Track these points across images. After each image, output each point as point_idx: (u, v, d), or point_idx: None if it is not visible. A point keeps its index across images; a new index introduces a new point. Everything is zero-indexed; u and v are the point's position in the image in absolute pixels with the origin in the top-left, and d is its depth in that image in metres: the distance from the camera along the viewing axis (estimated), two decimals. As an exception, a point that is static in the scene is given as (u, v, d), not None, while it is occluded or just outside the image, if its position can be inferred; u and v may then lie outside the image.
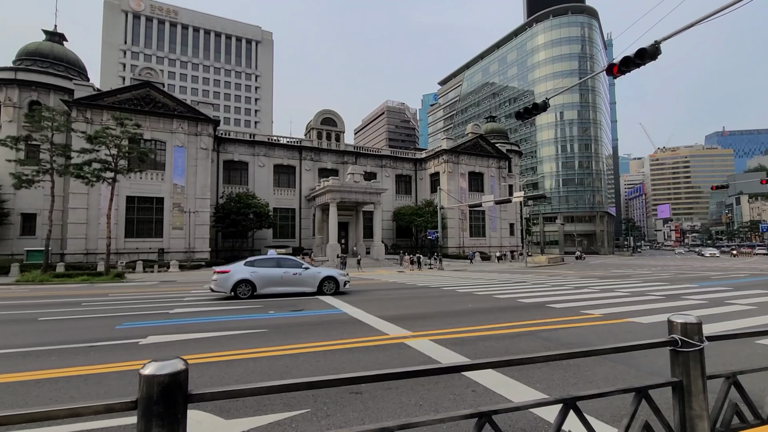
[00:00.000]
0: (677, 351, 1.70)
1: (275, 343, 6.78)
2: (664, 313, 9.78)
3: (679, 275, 23.11)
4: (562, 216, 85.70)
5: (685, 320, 1.71)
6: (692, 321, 1.70)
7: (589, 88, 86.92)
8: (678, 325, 1.72)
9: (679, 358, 1.70)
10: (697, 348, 1.67)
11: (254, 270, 13.52)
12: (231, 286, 13.06)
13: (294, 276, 13.90)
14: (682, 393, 1.68)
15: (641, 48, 8.15)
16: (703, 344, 1.68)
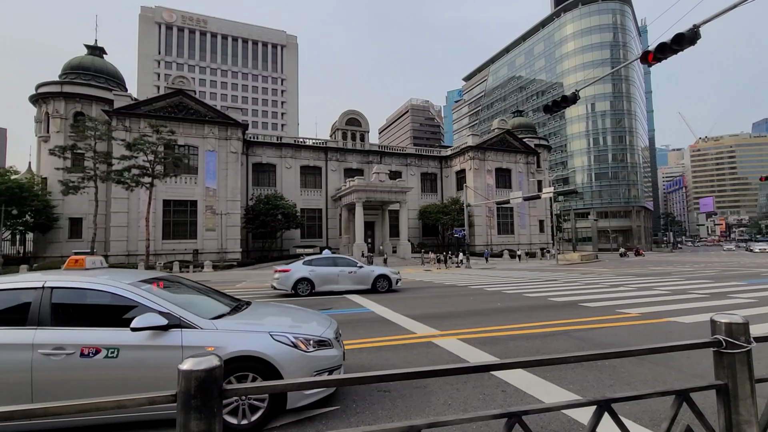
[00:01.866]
0: (722, 352, 1.61)
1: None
2: (707, 312, 9.26)
3: (725, 272, 21.79)
4: (595, 212, 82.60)
5: (730, 320, 1.62)
6: (738, 321, 1.61)
7: (622, 78, 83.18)
8: (722, 325, 1.63)
9: (724, 360, 1.61)
10: (743, 350, 1.57)
11: (312, 269, 14.04)
12: (292, 284, 13.60)
13: (349, 274, 14.27)
14: (728, 397, 1.59)
15: (679, 33, 7.72)
16: (750, 345, 1.58)
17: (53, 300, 3.48)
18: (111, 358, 3.31)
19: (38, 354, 3.22)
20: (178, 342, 3.47)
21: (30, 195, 30.80)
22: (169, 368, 3.27)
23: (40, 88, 35.31)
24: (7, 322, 3.42)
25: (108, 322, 3.64)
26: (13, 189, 29.36)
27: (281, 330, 3.88)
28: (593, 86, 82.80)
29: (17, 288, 3.61)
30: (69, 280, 3.68)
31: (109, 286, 3.65)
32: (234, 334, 3.68)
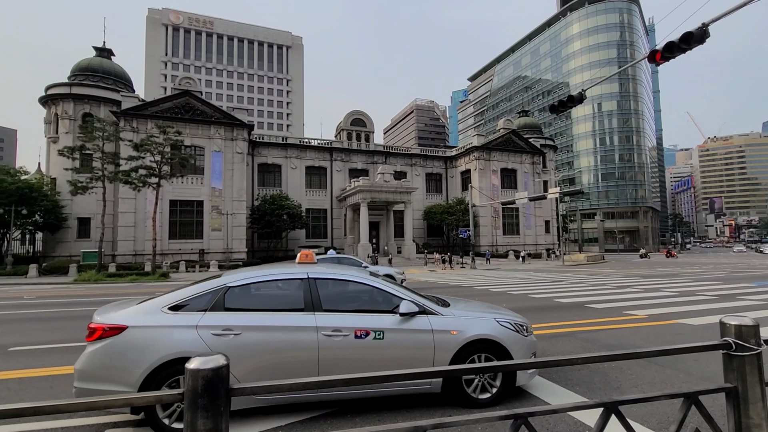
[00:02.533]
0: (731, 355, 1.59)
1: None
2: (716, 314, 9.15)
3: (734, 274, 21.53)
4: (602, 212, 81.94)
5: (740, 322, 1.60)
6: (748, 323, 1.58)
7: (629, 77, 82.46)
8: (732, 327, 1.61)
9: (734, 363, 1.59)
10: (754, 352, 1.55)
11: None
12: None
13: None
14: (738, 400, 1.57)
15: (687, 32, 7.63)
16: (761, 348, 1.56)
17: (318, 288, 4.00)
18: (378, 340, 3.82)
19: (321, 335, 3.72)
20: (428, 326, 3.97)
21: (39, 195, 31.14)
22: (422, 349, 3.92)
23: (49, 90, 35.72)
24: (288, 308, 3.95)
25: (367, 309, 4.10)
26: (23, 189, 29.70)
27: (503, 317, 4.36)
28: (600, 86, 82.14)
29: (288, 278, 4.15)
30: (327, 272, 4.25)
31: (364, 278, 4.27)
32: (469, 320, 4.17)
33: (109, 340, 3.52)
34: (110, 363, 3.47)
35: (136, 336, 3.54)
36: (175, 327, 3.62)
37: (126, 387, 3.40)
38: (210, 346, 3.53)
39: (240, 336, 3.63)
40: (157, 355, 3.46)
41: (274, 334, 3.70)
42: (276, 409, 3.85)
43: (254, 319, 3.76)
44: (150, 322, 3.64)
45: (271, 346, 3.67)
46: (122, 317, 3.66)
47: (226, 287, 3.91)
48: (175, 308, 3.76)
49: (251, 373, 3.58)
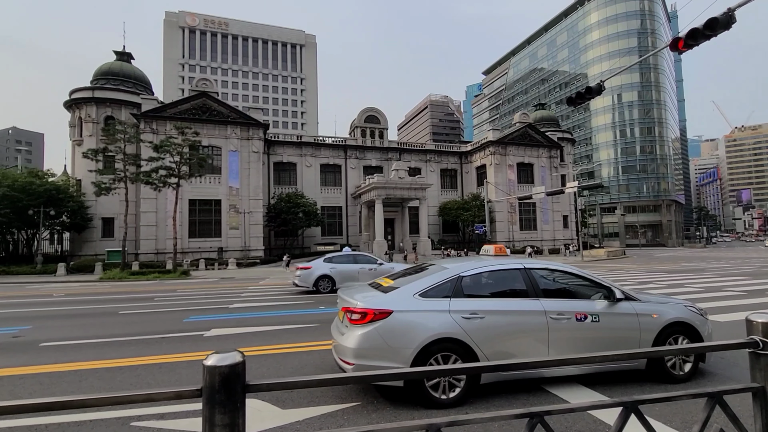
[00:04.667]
0: (758, 353, 1.53)
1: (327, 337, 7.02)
2: (745, 311, 8.82)
3: (764, 269, 20.70)
4: (623, 206, 79.82)
5: (766, 320, 1.54)
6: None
7: (651, 67, 79.80)
8: (759, 325, 1.54)
9: (761, 362, 1.53)
10: (782, 351, 1.49)
11: (333, 266, 14.35)
12: (313, 281, 13.94)
13: (369, 271, 14.39)
14: (765, 401, 1.51)
15: (712, 17, 7.32)
16: (787, 346, 1.50)
17: (535, 277, 4.54)
18: (595, 322, 4.36)
19: (549, 318, 4.24)
20: (633, 311, 4.51)
21: (66, 196, 32.27)
22: (630, 330, 4.45)
23: (73, 94, 36.87)
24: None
25: (576, 295, 4.69)
26: (50, 191, 30.82)
27: (686, 303, 4.96)
28: (620, 76, 79.73)
29: (508, 268, 4.63)
30: (539, 263, 4.81)
31: (570, 268, 4.87)
32: (664, 306, 4.74)
33: (380, 323, 3.96)
34: (384, 343, 3.92)
35: (402, 319, 4.00)
36: (432, 311, 4.08)
37: (400, 363, 3.86)
38: (463, 328, 4.03)
39: (485, 319, 4.11)
40: (424, 335, 3.92)
41: (512, 317, 4.21)
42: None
43: (493, 304, 4.29)
44: (412, 307, 4.11)
45: (511, 327, 4.19)
46: (387, 302, 4.13)
47: (460, 276, 4.40)
48: (424, 295, 4.23)
49: (496, 353, 4.07)
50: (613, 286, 4.67)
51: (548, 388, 4.28)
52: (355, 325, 4.05)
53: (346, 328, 4.16)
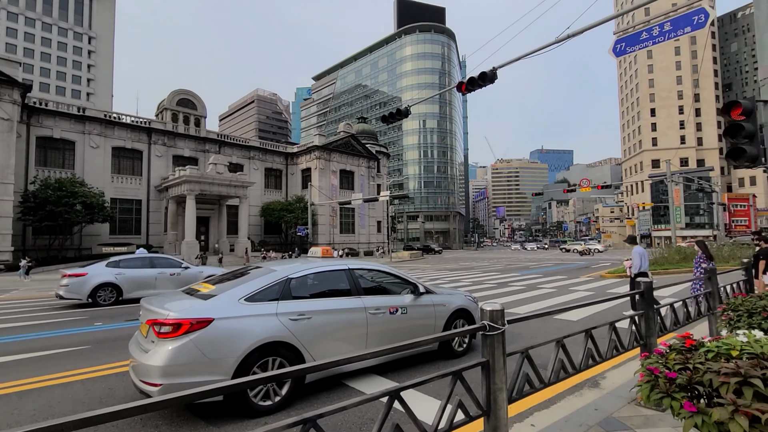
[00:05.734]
0: (485, 335, 1.97)
1: (100, 361, 5.65)
2: (495, 299, 11.64)
3: (508, 266, 27.89)
4: (423, 215, 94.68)
5: (492, 308, 2.00)
6: (497, 308, 2.00)
7: (446, 102, 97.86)
8: (487, 312, 2.00)
9: (488, 341, 1.98)
10: (499, 331, 1.97)
11: (120, 271, 11.62)
12: (89, 291, 11.02)
13: (171, 276, 12.26)
14: (489, 371, 1.95)
15: (483, 72, 9.50)
16: (504, 327, 1.99)
17: (357, 277, 4.89)
18: (404, 314, 4.91)
19: (369, 313, 4.60)
20: (431, 302, 5.27)
21: None
22: (429, 318, 5.20)
23: None
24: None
25: (389, 291, 5.20)
26: None
27: (465, 293, 6.07)
28: (426, 105, 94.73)
29: (334, 270, 4.85)
30: (360, 264, 5.22)
31: (385, 268, 5.47)
32: (452, 296, 5.70)
33: (198, 333, 3.60)
34: (201, 356, 3.56)
35: (225, 327, 3.73)
36: (259, 316, 3.95)
37: (221, 376, 3.56)
38: (291, 330, 4.01)
39: (312, 319, 4.20)
40: (249, 341, 3.73)
41: (337, 315, 4.41)
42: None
43: (321, 304, 4.41)
44: (236, 313, 3.88)
45: (337, 325, 4.39)
46: (207, 310, 3.79)
47: (288, 278, 4.40)
48: (251, 299, 4.07)
49: (323, 352, 4.14)
50: (418, 282, 5.36)
51: (348, 382, 4.54)
52: (165, 339, 3.57)
53: (153, 344, 3.65)
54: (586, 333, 2.88)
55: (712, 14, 7.66)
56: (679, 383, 2.00)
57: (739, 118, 5.55)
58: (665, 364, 2.15)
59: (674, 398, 1.97)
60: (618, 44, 7.44)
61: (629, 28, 7.78)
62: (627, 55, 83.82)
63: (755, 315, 3.41)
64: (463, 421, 1.87)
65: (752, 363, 1.86)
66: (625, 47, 7.34)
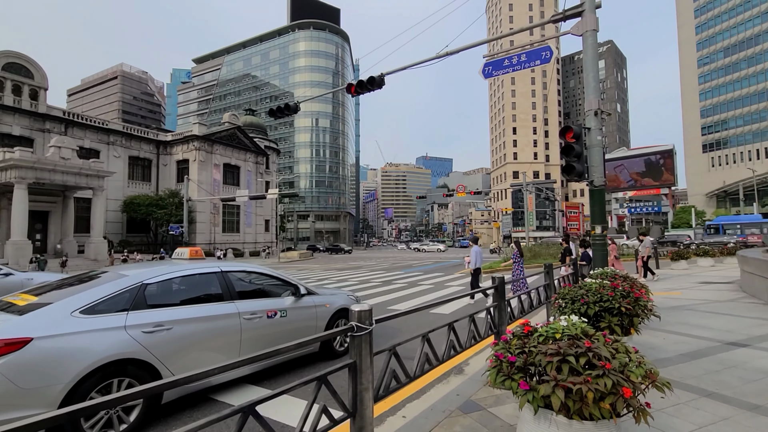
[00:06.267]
0: (354, 335, 1.97)
1: None
2: (381, 296, 12.07)
3: (394, 264, 29.33)
4: (314, 214, 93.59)
5: (361, 308, 2.01)
6: (365, 309, 2.02)
7: (340, 103, 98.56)
8: (355, 313, 2.00)
9: (355, 342, 1.98)
10: (366, 331, 1.99)
11: None
12: None
13: None
14: (356, 371, 1.95)
15: (371, 76, 9.78)
16: (371, 327, 2.01)
17: (232, 280, 4.54)
18: (283, 317, 4.75)
19: (243, 319, 4.29)
20: (313, 303, 5.24)
21: None
22: (310, 319, 5.15)
23: None
24: (209, 299, 4.21)
25: (270, 294, 4.95)
26: None
27: (349, 293, 6.17)
28: (319, 104, 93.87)
29: (203, 272, 4.39)
30: (236, 266, 4.91)
31: (263, 269, 5.20)
32: (334, 297, 5.74)
33: (7, 358, 2.87)
34: (12, 387, 2.85)
35: (47, 347, 3.05)
36: (99, 330, 3.34)
37: (42, 408, 2.90)
38: (144, 345, 3.48)
39: (172, 330, 3.72)
40: (83, 363, 3.12)
41: (205, 323, 3.96)
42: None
43: (185, 312, 3.91)
44: (66, 329, 3.20)
45: (204, 334, 3.94)
46: (21, 327, 3.07)
47: (143, 284, 3.86)
48: (90, 311, 3.42)
49: (187, 365, 3.69)
50: (299, 283, 5.19)
51: (218, 396, 4.15)
52: None
53: None
54: (449, 326, 3.14)
55: (555, 53, 9.16)
56: (517, 366, 2.30)
57: (571, 141, 6.78)
58: (508, 350, 2.45)
59: (513, 379, 2.26)
60: (486, 67, 8.43)
61: (497, 54, 8.88)
62: (496, 79, 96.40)
63: (576, 302, 4.19)
64: (328, 426, 1.83)
65: (570, 343, 2.24)
66: (492, 71, 8.37)
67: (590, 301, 4.15)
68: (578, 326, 2.43)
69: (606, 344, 2.29)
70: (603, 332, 2.46)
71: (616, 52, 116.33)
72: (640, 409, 2.02)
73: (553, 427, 2.12)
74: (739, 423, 2.97)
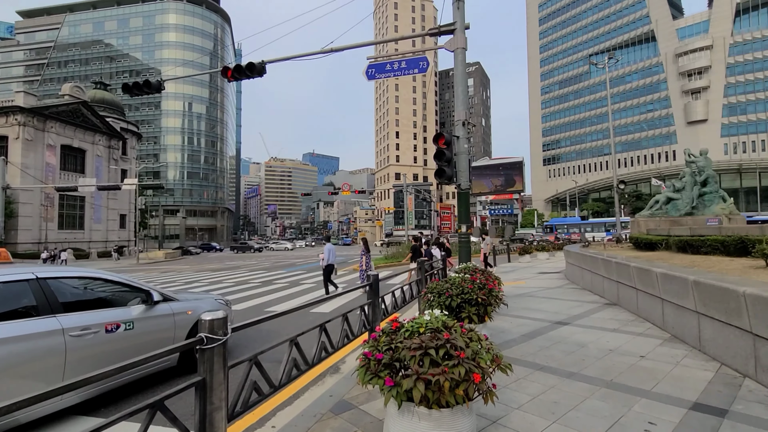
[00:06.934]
0: (203, 348, 1.71)
1: None
2: (259, 297, 11.35)
3: (276, 263, 28.10)
4: (185, 209, 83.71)
5: (213, 317, 1.77)
6: (219, 316, 1.78)
7: (218, 88, 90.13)
8: (206, 323, 1.74)
9: (205, 356, 1.72)
10: (219, 342, 1.75)
11: None
12: None
13: None
14: (205, 390, 1.70)
15: (251, 62, 9.08)
16: (225, 337, 1.78)
17: (53, 289, 3.63)
18: (129, 330, 4.00)
19: (69, 336, 3.45)
20: (170, 311, 4.54)
21: None
22: (166, 330, 4.44)
23: None
24: (16, 315, 3.28)
25: (112, 303, 4.17)
26: None
27: (217, 296, 5.89)
28: (194, 86, 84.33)
29: (8, 281, 3.45)
30: (61, 271, 3.98)
31: (102, 273, 4.30)
32: (198, 302, 5.10)
33: None
34: None
35: None
36: None
37: None
38: None
39: None
40: None
41: (6, 347, 3.06)
42: None
43: None
44: None
45: (3, 361, 3.04)
46: None
47: None
48: None
49: None
50: (152, 289, 4.50)
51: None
52: None
53: None
54: (321, 327, 3.05)
55: (432, 65, 9.84)
56: (384, 362, 2.33)
57: (443, 147, 7.39)
58: (377, 347, 2.47)
59: (380, 377, 2.28)
60: (370, 69, 8.62)
61: (380, 57, 9.15)
62: (382, 83, 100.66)
63: (442, 295, 4.55)
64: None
65: (432, 336, 2.36)
66: (375, 73, 8.60)
67: (454, 294, 4.55)
68: (440, 319, 2.59)
69: (462, 334, 2.48)
70: (461, 323, 2.68)
71: (483, 74, 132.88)
72: (487, 391, 2.23)
73: (416, 419, 2.20)
74: (560, 389, 3.58)
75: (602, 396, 3.41)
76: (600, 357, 4.47)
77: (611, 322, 6.20)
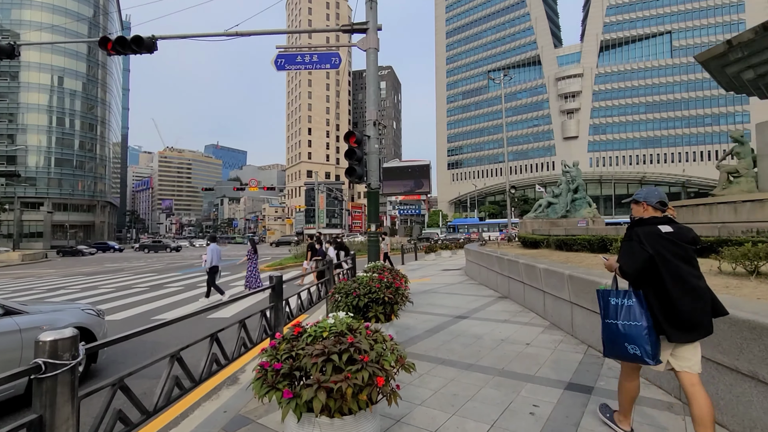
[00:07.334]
0: (40, 378, 1.34)
1: None
2: (146, 304, 9.99)
3: (170, 265, 25.26)
4: (52, 203, 70.42)
5: (58, 336, 1.40)
6: (66, 335, 1.42)
7: (99, 64, 77.79)
8: (46, 345, 1.37)
9: (44, 387, 1.35)
10: (66, 367, 1.39)
11: None
12: None
13: None
14: (43, 430, 1.34)
15: (138, 36, 7.91)
16: (74, 361, 1.43)
17: None
18: None
19: None
20: (16, 327, 3.81)
21: None
22: (8, 351, 3.67)
23: None
24: None
25: None
26: None
27: (84, 305, 5.04)
28: (65, 57, 71.73)
29: None
30: None
31: None
32: (58, 315, 4.40)
33: None
34: None
35: None
36: None
37: None
38: None
39: None
40: None
41: None
42: None
43: None
44: None
45: None
46: None
47: None
48: None
49: None
50: None
51: None
52: None
53: None
54: (212, 338, 2.72)
55: (345, 64, 9.74)
56: (283, 373, 2.14)
57: (354, 145, 7.34)
58: (276, 356, 2.27)
59: (278, 389, 2.09)
60: (279, 58, 8.17)
61: (290, 47, 8.73)
62: (295, 77, 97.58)
63: (350, 295, 4.47)
64: None
65: (335, 341, 2.25)
66: (284, 63, 8.17)
67: (361, 294, 4.50)
68: (344, 322, 2.49)
69: (367, 336, 2.41)
70: (367, 324, 2.61)
71: (395, 78, 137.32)
72: (391, 392, 2.20)
73: (317, 430, 2.06)
74: (460, 381, 3.76)
75: (495, 384, 3.67)
76: (494, 347, 4.84)
77: (503, 313, 6.80)
